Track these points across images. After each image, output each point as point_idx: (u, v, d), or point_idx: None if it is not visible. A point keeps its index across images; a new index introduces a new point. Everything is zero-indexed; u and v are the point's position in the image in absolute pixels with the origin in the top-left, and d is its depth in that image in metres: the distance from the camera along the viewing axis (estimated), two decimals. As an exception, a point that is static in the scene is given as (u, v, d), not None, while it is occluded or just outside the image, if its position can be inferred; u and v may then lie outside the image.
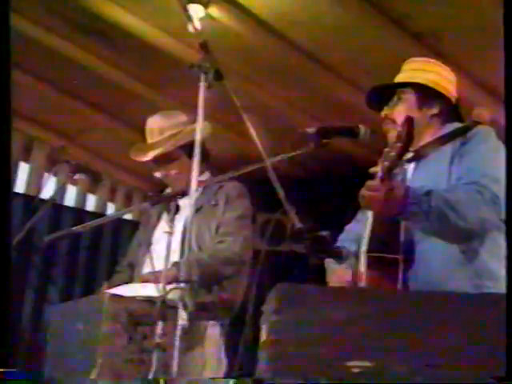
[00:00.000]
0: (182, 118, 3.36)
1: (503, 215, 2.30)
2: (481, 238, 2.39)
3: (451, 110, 2.66)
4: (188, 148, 3.00)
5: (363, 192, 2.24)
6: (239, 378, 2.20)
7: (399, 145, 2.16)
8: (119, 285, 3.04)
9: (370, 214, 2.48)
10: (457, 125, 2.61)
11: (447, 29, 4.56)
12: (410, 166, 2.59)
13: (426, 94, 2.63)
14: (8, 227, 2.03)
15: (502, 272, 2.17)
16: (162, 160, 3.32)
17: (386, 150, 2.23)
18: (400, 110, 2.59)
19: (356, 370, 1.29)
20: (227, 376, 2.98)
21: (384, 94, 2.69)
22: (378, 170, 2.24)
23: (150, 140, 3.37)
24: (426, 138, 2.60)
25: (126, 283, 3.12)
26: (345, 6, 4.47)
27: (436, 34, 4.62)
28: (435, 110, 2.63)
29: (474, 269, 2.38)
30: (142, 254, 3.29)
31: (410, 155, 2.53)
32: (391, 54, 4.32)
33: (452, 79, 2.72)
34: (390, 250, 2.35)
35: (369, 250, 2.38)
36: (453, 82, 2.71)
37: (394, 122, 2.60)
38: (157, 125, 3.36)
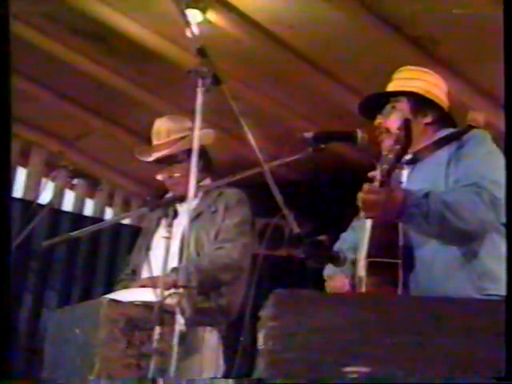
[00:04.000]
0: (189, 123, 3.37)
1: (503, 217, 2.31)
2: (480, 240, 2.40)
3: (445, 118, 2.67)
4: None
5: (362, 196, 2.24)
6: (238, 378, 2.20)
7: (398, 147, 2.17)
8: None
9: (367, 220, 2.48)
10: (451, 130, 2.62)
11: (445, 33, 4.57)
12: (405, 171, 2.60)
13: (419, 102, 2.65)
14: (7, 233, 2.03)
15: (502, 273, 2.18)
16: (167, 162, 3.33)
17: (385, 153, 2.24)
18: (394, 119, 2.60)
19: (354, 376, 1.29)
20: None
21: (377, 102, 2.70)
22: (376, 173, 2.25)
23: (156, 141, 3.38)
24: (421, 145, 2.60)
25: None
26: (343, 10, 4.48)
27: (434, 39, 4.63)
28: (429, 119, 2.64)
29: (475, 271, 2.38)
30: (142, 260, 3.29)
31: (408, 158, 2.54)
32: (389, 58, 4.33)
33: (444, 88, 2.74)
34: (390, 255, 2.35)
35: (368, 256, 2.38)
36: (445, 91, 2.74)
37: (387, 130, 2.61)
38: (165, 126, 3.38)
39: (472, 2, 4.10)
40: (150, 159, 3.36)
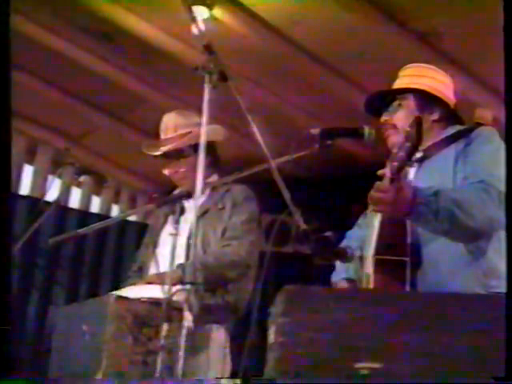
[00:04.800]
0: (197, 118, 3.36)
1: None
2: (488, 238, 2.39)
3: (451, 114, 2.67)
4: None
5: (372, 194, 2.24)
6: (245, 378, 2.20)
7: (408, 145, 2.16)
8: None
9: (375, 218, 2.48)
10: (459, 127, 2.61)
11: (449, 28, 4.56)
12: (412, 168, 2.59)
13: (425, 99, 2.64)
14: (9, 229, 2.03)
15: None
16: (174, 156, 3.34)
17: (395, 150, 2.23)
18: (400, 116, 2.61)
19: (364, 372, 1.29)
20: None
21: (383, 99, 2.70)
22: (386, 171, 2.24)
23: (163, 136, 3.40)
24: (428, 142, 2.60)
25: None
26: (349, 7, 4.48)
27: (438, 34, 4.62)
28: (436, 116, 2.64)
29: (481, 269, 2.38)
30: (148, 256, 3.29)
31: (418, 155, 2.53)
32: (394, 54, 4.33)
33: (450, 85, 2.73)
34: (398, 253, 2.34)
35: (376, 253, 2.38)
36: (451, 88, 2.73)
37: (394, 127, 2.61)
38: (172, 122, 3.39)
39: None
40: (157, 153, 3.37)
